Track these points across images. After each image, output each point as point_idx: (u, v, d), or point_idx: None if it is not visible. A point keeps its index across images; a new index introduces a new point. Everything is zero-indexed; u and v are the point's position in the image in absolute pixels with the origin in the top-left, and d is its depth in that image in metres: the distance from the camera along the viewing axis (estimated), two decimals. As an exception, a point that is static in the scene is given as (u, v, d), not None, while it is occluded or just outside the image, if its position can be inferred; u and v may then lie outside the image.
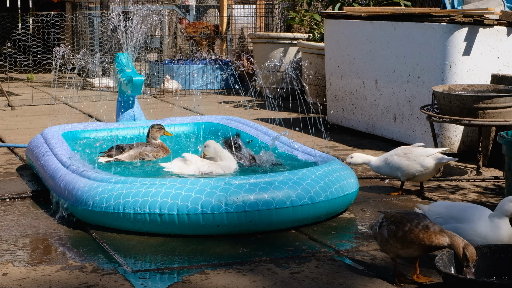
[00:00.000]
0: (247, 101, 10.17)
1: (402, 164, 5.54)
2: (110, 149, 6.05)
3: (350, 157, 5.71)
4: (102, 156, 5.99)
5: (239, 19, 13.62)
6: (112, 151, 5.99)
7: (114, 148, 6.01)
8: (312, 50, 9.23)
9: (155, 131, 6.21)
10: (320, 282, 3.99)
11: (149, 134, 6.23)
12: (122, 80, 7.03)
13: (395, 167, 5.56)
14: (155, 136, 6.20)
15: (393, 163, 5.57)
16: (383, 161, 5.64)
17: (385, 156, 5.66)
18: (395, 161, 5.57)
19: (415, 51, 7.02)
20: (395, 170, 5.57)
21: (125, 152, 6.00)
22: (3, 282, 3.98)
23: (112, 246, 4.57)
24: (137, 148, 6.07)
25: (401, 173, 5.57)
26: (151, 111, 8.94)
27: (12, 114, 9.58)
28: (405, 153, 5.57)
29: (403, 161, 5.54)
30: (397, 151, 5.63)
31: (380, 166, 5.65)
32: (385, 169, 5.63)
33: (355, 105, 7.94)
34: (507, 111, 5.94)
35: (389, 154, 5.65)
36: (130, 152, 6.03)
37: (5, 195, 5.64)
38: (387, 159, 5.61)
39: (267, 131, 6.66)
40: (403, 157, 5.55)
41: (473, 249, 3.72)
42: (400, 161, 5.55)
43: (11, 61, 12.16)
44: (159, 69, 11.85)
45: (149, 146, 6.12)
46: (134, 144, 6.14)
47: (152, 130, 6.22)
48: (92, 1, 13.49)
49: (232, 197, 4.66)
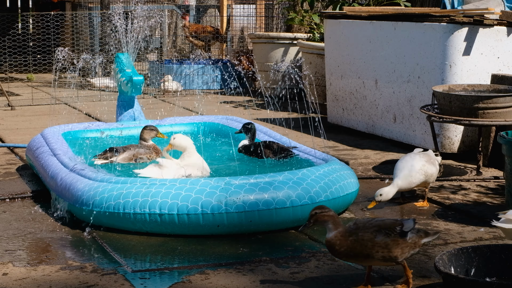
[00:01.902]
0: (247, 101, 10.17)
1: (434, 171, 5.37)
2: (105, 152, 6.03)
3: (379, 195, 5.16)
4: (98, 158, 5.97)
5: (239, 19, 13.62)
6: (107, 153, 5.98)
7: (108, 151, 6.00)
8: (312, 50, 9.23)
9: (146, 133, 6.15)
10: (320, 282, 3.99)
11: (141, 136, 6.16)
12: (122, 80, 7.03)
13: (429, 175, 5.33)
14: (146, 138, 6.14)
15: (429, 171, 5.32)
16: (416, 174, 5.27)
17: (414, 168, 5.27)
18: (430, 170, 5.33)
19: (415, 51, 7.02)
20: (429, 178, 5.35)
21: (120, 155, 5.98)
22: (3, 282, 3.98)
23: (112, 246, 4.57)
24: (131, 150, 6.05)
25: (432, 180, 5.43)
26: (151, 111, 8.94)
27: (12, 114, 9.58)
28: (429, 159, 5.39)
29: (433, 169, 5.37)
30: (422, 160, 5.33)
31: (413, 181, 5.28)
32: (419, 178, 5.29)
33: (355, 105, 7.94)
34: (507, 111, 5.94)
35: (419, 166, 5.29)
36: (124, 154, 6.01)
37: (5, 195, 5.64)
38: (421, 170, 5.28)
39: (267, 131, 6.66)
40: (431, 164, 5.37)
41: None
42: (432, 169, 5.35)
43: (11, 61, 12.16)
44: (159, 69, 11.84)
45: (141, 148, 6.09)
46: (128, 146, 6.11)
47: (144, 132, 6.15)
48: (92, 1, 13.49)
49: (232, 197, 4.66)
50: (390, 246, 3.78)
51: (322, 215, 3.81)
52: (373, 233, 3.79)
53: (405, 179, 5.25)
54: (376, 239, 3.78)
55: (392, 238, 3.78)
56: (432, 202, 5.52)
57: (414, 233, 3.84)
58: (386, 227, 3.80)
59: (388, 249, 3.78)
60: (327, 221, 3.81)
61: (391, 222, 3.84)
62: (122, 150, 6.03)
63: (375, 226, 3.81)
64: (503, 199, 5.41)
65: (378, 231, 3.79)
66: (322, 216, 3.81)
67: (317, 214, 3.81)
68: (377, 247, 3.77)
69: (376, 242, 3.78)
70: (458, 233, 4.81)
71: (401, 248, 3.79)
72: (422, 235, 3.86)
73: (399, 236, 3.79)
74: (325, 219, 3.81)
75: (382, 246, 3.77)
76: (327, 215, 3.81)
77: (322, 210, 3.83)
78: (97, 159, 5.96)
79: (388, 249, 3.78)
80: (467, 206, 5.39)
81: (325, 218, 3.81)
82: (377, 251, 3.78)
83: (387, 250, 3.78)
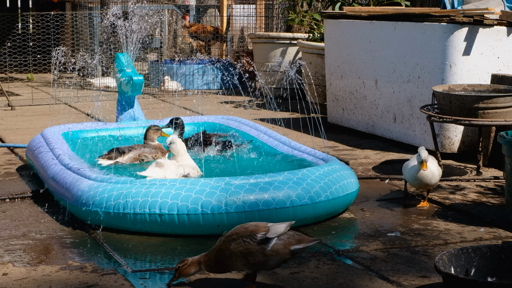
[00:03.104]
0: (247, 101, 10.17)
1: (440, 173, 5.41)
2: (110, 152, 6.04)
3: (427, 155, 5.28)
4: (102, 158, 5.98)
5: (239, 19, 13.62)
6: (112, 154, 5.98)
7: (114, 151, 6.01)
8: (312, 50, 9.23)
9: (152, 132, 6.21)
10: (320, 282, 3.99)
11: (146, 136, 6.22)
12: (122, 80, 7.03)
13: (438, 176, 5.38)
14: (152, 138, 6.19)
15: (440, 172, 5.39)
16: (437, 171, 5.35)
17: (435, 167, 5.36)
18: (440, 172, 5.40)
19: (415, 51, 7.02)
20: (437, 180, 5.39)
21: (126, 155, 6.00)
22: (3, 282, 3.98)
23: (112, 246, 4.57)
24: (136, 150, 6.07)
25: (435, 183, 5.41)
26: (151, 111, 8.94)
27: (12, 114, 9.58)
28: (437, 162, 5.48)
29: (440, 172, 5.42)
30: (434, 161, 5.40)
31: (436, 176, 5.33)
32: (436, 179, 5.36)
33: (355, 105, 7.94)
34: (507, 111, 5.94)
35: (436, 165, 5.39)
36: (130, 154, 6.02)
37: (5, 195, 5.64)
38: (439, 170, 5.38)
39: (267, 131, 6.66)
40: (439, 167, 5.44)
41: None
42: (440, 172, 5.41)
43: (11, 61, 12.15)
44: (159, 69, 11.84)
45: (147, 147, 6.12)
46: (133, 146, 6.13)
47: (149, 131, 6.21)
48: (92, 1, 13.49)
49: (232, 197, 4.66)
50: (245, 254, 3.69)
51: (184, 268, 3.81)
52: (230, 242, 3.72)
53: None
54: (231, 248, 3.71)
55: (246, 246, 3.68)
56: (432, 202, 5.52)
57: (282, 239, 3.72)
58: (246, 234, 3.71)
59: (244, 257, 3.69)
60: (189, 271, 3.84)
61: (254, 228, 3.74)
62: (127, 150, 6.04)
63: (234, 234, 3.74)
64: (503, 199, 5.41)
65: (236, 239, 3.71)
66: (185, 269, 3.82)
67: (180, 268, 3.82)
68: (234, 256, 3.70)
69: (232, 251, 3.70)
70: (458, 233, 4.81)
71: (262, 255, 3.69)
72: (293, 242, 3.73)
73: (258, 243, 3.67)
74: (188, 270, 3.83)
75: (237, 255, 3.70)
76: (188, 265, 3.81)
77: (183, 264, 3.82)
78: (101, 159, 5.96)
79: (245, 257, 3.69)
80: (467, 206, 5.39)
81: (187, 269, 3.83)
82: (235, 260, 3.71)
83: (244, 259, 3.69)
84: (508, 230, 4.85)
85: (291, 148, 6.08)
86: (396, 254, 4.43)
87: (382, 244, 4.58)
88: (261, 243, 3.70)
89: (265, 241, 3.70)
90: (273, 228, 3.75)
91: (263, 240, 3.70)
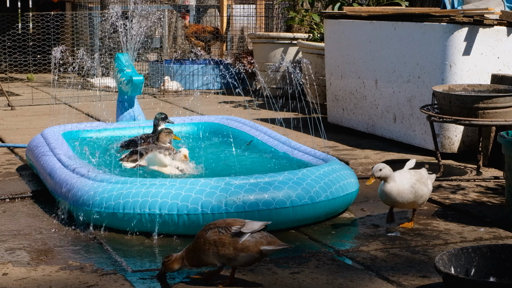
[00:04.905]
0: (247, 101, 10.17)
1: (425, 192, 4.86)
2: (131, 154, 6.05)
3: (379, 169, 4.75)
4: (127, 161, 6.00)
5: (239, 19, 13.62)
6: (134, 156, 6.00)
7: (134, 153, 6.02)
8: (312, 50, 9.23)
9: (164, 135, 6.22)
10: (320, 282, 3.99)
11: (159, 138, 6.22)
12: (122, 80, 7.03)
13: (419, 195, 4.83)
14: (164, 140, 6.20)
15: (420, 192, 4.83)
16: (408, 189, 4.81)
17: (407, 184, 4.82)
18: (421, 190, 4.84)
19: (415, 51, 7.02)
20: (419, 199, 4.85)
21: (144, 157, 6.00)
22: (3, 282, 3.98)
23: (112, 246, 4.57)
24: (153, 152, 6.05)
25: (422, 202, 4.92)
26: (151, 111, 8.93)
27: (12, 114, 9.58)
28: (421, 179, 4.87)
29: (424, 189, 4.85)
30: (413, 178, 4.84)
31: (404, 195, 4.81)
32: (408, 197, 4.82)
33: (355, 105, 7.94)
34: (507, 111, 5.94)
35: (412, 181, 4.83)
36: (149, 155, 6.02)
37: (5, 195, 5.64)
38: (413, 188, 4.81)
39: (267, 131, 6.66)
40: (423, 184, 4.85)
41: None
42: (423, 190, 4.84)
43: (11, 61, 12.15)
44: (159, 69, 11.84)
45: (161, 149, 6.10)
46: (147, 147, 6.10)
47: (162, 134, 6.22)
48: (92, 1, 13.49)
49: (232, 197, 4.66)
50: (218, 243, 3.82)
51: (169, 263, 3.94)
52: (207, 231, 3.87)
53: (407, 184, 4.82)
54: (206, 236, 3.85)
55: (220, 236, 3.82)
56: (432, 202, 5.52)
57: (254, 238, 3.81)
58: (222, 225, 3.85)
59: (216, 246, 3.82)
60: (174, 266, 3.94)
61: (232, 221, 3.88)
62: (145, 152, 6.04)
63: (212, 224, 3.90)
64: (503, 199, 5.41)
65: (212, 228, 3.86)
66: (169, 264, 3.94)
67: (165, 263, 3.95)
68: (207, 243, 3.84)
69: (207, 238, 3.84)
70: (458, 233, 4.81)
71: (233, 248, 3.80)
72: (263, 242, 3.81)
73: (232, 235, 3.80)
74: (172, 266, 3.94)
75: (211, 243, 3.83)
76: (172, 261, 3.93)
77: (168, 259, 3.95)
78: (126, 162, 5.97)
79: (217, 246, 3.82)
80: (467, 206, 5.40)
81: (171, 264, 3.94)
82: (208, 248, 3.84)
83: (216, 248, 3.82)
84: (508, 230, 4.85)
85: (291, 148, 6.08)
86: (396, 254, 4.43)
87: (382, 244, 4.58)
88: (235, 235, 3.82)
89: (239, 234, 3.82)
90: (249, 224, 3.87)
91: (237, 233, 3.82)
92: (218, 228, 3.85)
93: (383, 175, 4.76)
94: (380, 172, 4.74)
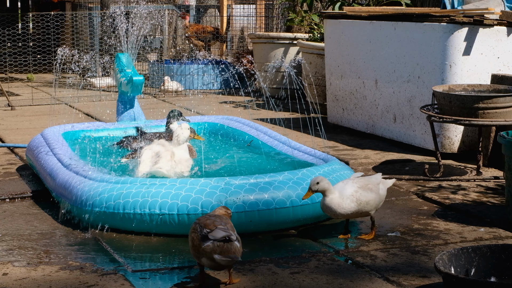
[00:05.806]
0: (247, 101, 10.17)
1: (370, 198, 4.62)
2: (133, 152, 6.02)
3: (316, 183, 4.52)
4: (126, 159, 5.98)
5: (239, 19, 13.62)
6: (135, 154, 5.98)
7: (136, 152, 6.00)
8: (312, 50, 9.23)
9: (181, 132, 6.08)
10: (320, 282, 3.99)
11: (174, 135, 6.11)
12: (122, 80, 7.03)
13: (363, 203, 4.59)
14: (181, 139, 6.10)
15: (363, 199, 4.60)
16: (348, 198, 4.58)
17: (347, 193, 4.59)
18: (364, 197, 4.61)
19: (415, 51, 7.02)
20: (364, 206, 4.61)
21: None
22: (3, 282, 3.98)
23: (112, 246, 4.57)
24: None
25: (370, 209, 4.67)
26: (151, 111, 8.94)
27: (12, 114, 9.58)
28: (365, 185, 4.65)
29: (369, 195, 4.62)
30: (354, 186, 4.62)
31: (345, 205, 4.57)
32: (350, 207, 4.58)
33: (355, 105, 7.94)
34: (507, 111, 5.94)
35: (354, 189, 4.61)
36: None
37: (5, 195, 5.64)
38: (353, 196, 4.58)
39: (267, 131, 6.66)
40: (368, 190, 4.62)
41: None
42: (367, 196, 4.61)
43: (11, 61, 12.16)
44: (159, 69, 11.84)
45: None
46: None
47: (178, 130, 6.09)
48: (92, 1, 13.49)
49: (232, 197, 4.66)
50: (191, 239, 3.89)
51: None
52: (193, 222, 3.96)
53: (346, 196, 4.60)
54: (190, 227, 3.94)
55: (192, 235, 3.88)
56: (432, 202, 5.53)
57: (213, 244, 3.78)
58: (201, 224, 3.88)
59: (190, 241, 3.89)
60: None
61: (208, 223, 3.88)
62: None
63: (198, 218, 3.97)
64: (503, 199, 5.41)
65: (195, 223, 3.93)
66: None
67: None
68: (189, 235, 3.93)
69: (189, 230, 3.93)
70: (458, 233, 4.81)
71: (197, 250, 3.83)
72: (217, 251, 3.77)
73: (200, 238, 3.82)
74: None
75: (188, 236, 3.93)
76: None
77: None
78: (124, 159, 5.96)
79: (190, 241, 3.89)
80: (467, 206, 5.39)
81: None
82: (189, 239, 3.92)
83: (190, 242, 3.89)
84: (508, 230, 4.85)
85: (291, 148, 6.08)
86: (396, 254, 4.43)
87: (382, 244, 4.58)
88: (202, 239, 3.83)
89: (204, 238, 3.83)
90: (216, 231, 3.84)
91: (203, 237, 3.83)
92: (197, 225, 3.89)
93: (321, 189, 4.53)
94: (318, 186, 4.52)
